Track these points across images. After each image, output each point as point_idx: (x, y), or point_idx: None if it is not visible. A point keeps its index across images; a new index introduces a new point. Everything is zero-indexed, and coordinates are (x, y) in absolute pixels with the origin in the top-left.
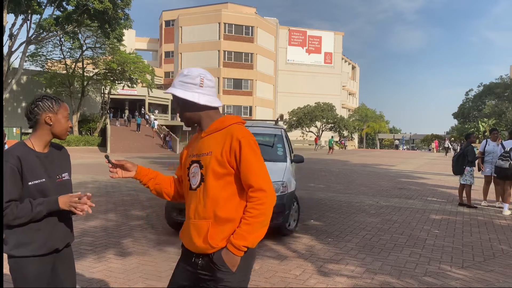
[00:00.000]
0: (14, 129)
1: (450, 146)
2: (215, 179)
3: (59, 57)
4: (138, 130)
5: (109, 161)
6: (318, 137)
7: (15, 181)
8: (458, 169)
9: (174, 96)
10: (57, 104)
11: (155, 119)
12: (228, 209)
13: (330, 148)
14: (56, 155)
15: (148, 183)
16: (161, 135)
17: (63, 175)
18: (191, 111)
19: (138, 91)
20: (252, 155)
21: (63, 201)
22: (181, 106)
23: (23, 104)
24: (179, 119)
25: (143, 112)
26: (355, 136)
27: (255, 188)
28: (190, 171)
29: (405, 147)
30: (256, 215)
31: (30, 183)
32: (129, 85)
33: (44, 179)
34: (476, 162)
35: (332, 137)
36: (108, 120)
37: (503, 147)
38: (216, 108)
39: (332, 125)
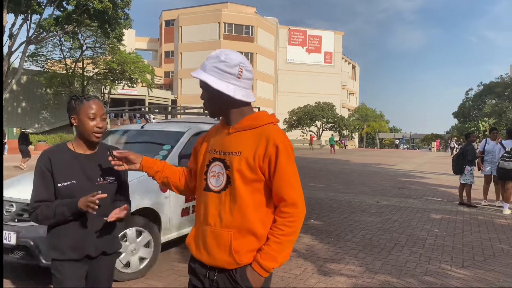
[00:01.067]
0: (14, 129)
1: (456, 146)
2: (243, 184)
3: (59, 57)
4: None
5: (110, 154)
6: (314, 136)
7: (44, 181)
8: (458, 168)
9: (203, 81)
10: (79, 104)
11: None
12: (255, 221)
13: (332, 146)
14: (104, 157)
15: (155, 176)
16: None
17: (106, 178)
18: (222, 103)
19: (138, 91)
20: (289, 165)
21: (82, 202)
22: (210, 95)
23: (23, 104)
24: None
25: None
26: (355, 136)
27: (288, 202)
28: (209, 169)
29: (405, 146)
30: (287, 233)
31: (59, 185)
32: (129, 85)
33: (75, 181)
34: (476, 161)
35: (332, 135)
36: (108, 120)
37: (503, 147)
38: (249, 103)
39: (332, 124)
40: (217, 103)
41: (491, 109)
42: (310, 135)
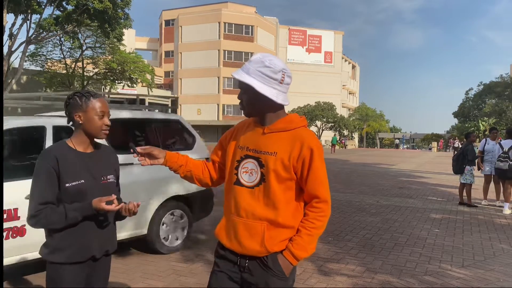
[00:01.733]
0: None
1: (459, 145)
2: (277, 182)
3: (59, 57)
4: None
5: (134, 151)
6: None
7: (50, 182)
8: (458, 168)
9: (245, 84)
10: (87, 101)
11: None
12: (287, 215)
13: (333, 146)
14: (103, 155)
15: (178, 170)
16: None
17: (108, 176)
18: (262, 106)
19: (138, 90)
20: (322, 166)
21: (95, 202)
22: (251, 97)
23: (24, 104)
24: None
25: None
26: (355, 135)
27: (321, 199)
28: (241, 165)
29: (405, 146)
30: (318, 226)
31: (67, 185)
32: (129, 84)
33: (83, 180)
34: (476, 161)
35: (335, 135)
36: None
37: (501, 147)
38: (283, 106)
39: (332, 124)
40: (257, 106)
41: (491, 109)
42: None
